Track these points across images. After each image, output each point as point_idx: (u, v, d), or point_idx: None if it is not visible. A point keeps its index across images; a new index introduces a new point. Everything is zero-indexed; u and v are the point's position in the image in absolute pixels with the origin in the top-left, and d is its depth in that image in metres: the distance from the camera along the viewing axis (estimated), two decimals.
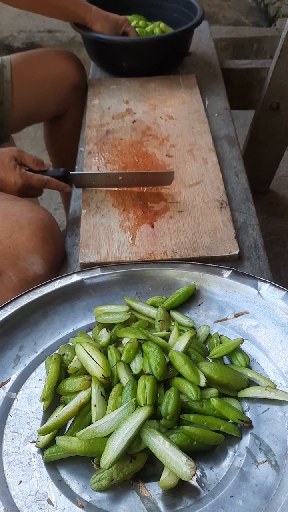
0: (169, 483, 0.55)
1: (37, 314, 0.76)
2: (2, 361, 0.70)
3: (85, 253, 0.91)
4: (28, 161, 1.01)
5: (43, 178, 1.01)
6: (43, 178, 1.01)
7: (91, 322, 0.76)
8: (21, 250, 0.89)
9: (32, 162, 1.01)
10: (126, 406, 0.59)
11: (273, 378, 0.66)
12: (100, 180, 1.04)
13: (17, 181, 0.97)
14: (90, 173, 1.06)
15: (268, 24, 3.00)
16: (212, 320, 0.76)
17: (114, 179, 1.03)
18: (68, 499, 0.56)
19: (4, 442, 0.62)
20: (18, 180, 0.97)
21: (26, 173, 0.99)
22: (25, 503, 0.56)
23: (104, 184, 1.04)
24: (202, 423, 0.59)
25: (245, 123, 2.14)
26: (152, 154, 1.15)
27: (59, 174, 1.03)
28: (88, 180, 1.04)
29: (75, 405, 0.62)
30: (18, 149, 1.00)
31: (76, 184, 1.06)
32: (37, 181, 1.00)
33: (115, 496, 0.57)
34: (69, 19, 1.34)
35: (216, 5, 3.27)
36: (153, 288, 0.81)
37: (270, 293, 0.75)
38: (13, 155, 0.98)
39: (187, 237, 0.93)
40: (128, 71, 1.42)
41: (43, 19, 2.94)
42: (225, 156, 1.16)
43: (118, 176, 1.03)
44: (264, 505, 0.54)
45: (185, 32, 1.36)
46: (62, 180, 1.04)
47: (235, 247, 0.90)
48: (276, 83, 1.56)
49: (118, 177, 1.03)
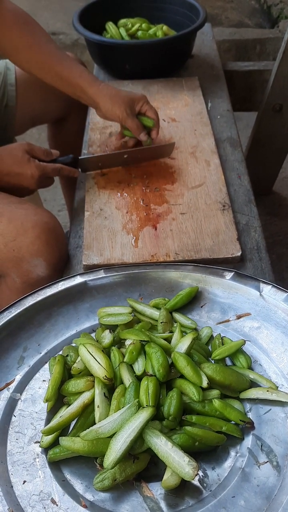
0: (171, 483, 0.56)
1: (41, 316, 0.77)
2: (6, 362, 0.71)
3: (88, 255, 0.92)
4: (39, 153, 1.02)
5: (56, 166, 1.03)
6: (56, 167, 1.03)
7: (94, 323, 0.77)
8: (25, 253, 0.90)
9: (43, 153, 1.03)
10: (129, 407, 0.59)
11: (274, 379, 0.67)
12: (107, 160, 1.10)
13: (34, 173, 0.99)
14: (97, 155, 1.12)
15: (271, 25, 3.00)
16: (214, 322, 0.76)
17: (120, 158, 1.10)
18: (72, 499, 0.57)
19: (8, 442, 0.62)
20: (35, 172, 0.99)
21: (40, 164, 1.00)
22: (29, 502, 0.56)
23: (111, 164, 1.11)
24: (204, 424, 0.60)
25: (248, 125, 2.14)
26: None
27: (69, 161, 1.07)
28: (96, 163, 1.10)
29: (79, 405, 0.62)
30: (28, 143, 1.02)
31: (83, 168, 1.10)
32: (52, 170, 1.02)
33: (118, 496, 0.57)
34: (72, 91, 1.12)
35: (219, 7, 3.28)
36: (155, 290, 0.81)
37: (272, 295, 0.75)
38: (25, 149, 1.00)
39: (189, 239, 0.94)
40: (131, 74, 1.42)
41: (46, 22, 2.96)
42: (228, 158, 1.17)
43: (124, 155, 1.10)
44: (265, 505, 0.54)
45: (188, 34, 1.36)
46: (71, 166, 1.07)
47: (237, 249, 0.91)
48: (279, 85, 1.57)
49: (123, 155, 1.10)
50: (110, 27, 1.48)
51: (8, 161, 0.98)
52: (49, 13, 3.10)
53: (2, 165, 0.98)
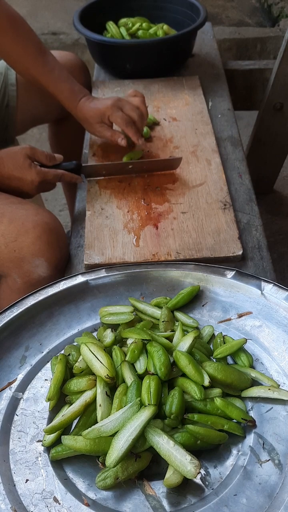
0: (173, 481, 0.56)
1: (42, 315, 0.77)
2: (8, 361, 0.71)
3: (89, 254, 0.92)
4: (41, 157, 1.01)
5: (57, 173, 1.02)
6: (57, 173, 1.02)
7: (96, 322, 0.77)
8: (26, 253, 0.90)
9: (45, 158, 1.02)
10: (131, 406, 0.59)
11: (276, 377, 0.67)
12: (111, 169, 1.08)
13: (34, 179, 0.98)
14: (101, 164, 1.10)
15: (271, 24, 3.00)
16: (215, 321, 0.76)
17: (125, 167, 1.08)
18: (74, 497, 0.57)
19: (11, 441, 0.62)
20: (35, 178, 0.98)
21: (41, 170, 0.99)
22: (32, 501, 0.57)
23: (116, 173, 1.09)
24: (206, 422, 0.60)
25: (248, 124, 2.14)
26: (156, 156, 1.16)
27: (72, 167, 1.06)
28: (99, 170, 1.08)
29: (81, 404, 0.63)
30: (30, 147, 1.01)
31: (87, 175, 1.09)
32: (53, 177, 1.01)
33: (120, 494, 0.57)
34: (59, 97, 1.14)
35: (220, 6, 3.27)
36: (157, 289, 0.81)
37: (273, 294, 0.75)
38: (27, 154, 0.99)
39: (190, 238, 0.94)
40: (132, 73, 1.43)
41: (47, 21, 2.96)
42: (229, 157, 1.17)
43: (128, 165, 1.08)
44: (267, 503, 0.54)
45: (189, 34, 1.36)
46: (74, 172, 1.06)
47: (238, 248, 0.91)
48: (279, 84, 1.56)
49: (128, 166, 1.08)
50: (111, 26, 1.48)
51: (10, 165, 0.97)
52: (49, 12, 3.10)
53: (3, 168, 0.97)
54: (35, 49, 1.11)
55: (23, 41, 1.10)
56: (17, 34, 1.09)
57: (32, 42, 1.11)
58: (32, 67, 1.11)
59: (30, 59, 1.10)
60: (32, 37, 1.12)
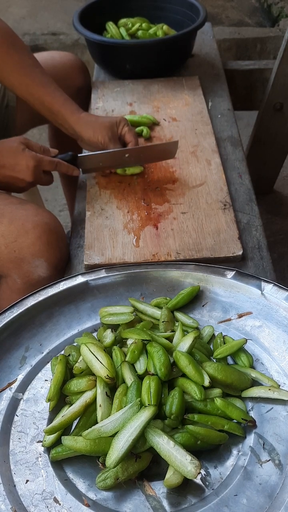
0: (173, 481, 0.56)
1: (42, 316, 0.77)
2: (8, 362, 0.71)
3: (89, 254, 0.92)
4: (35, 148, 1.00)
5: (53, 159, 1.01)
6: (53, 160, 1.00)
7: (96, 323, 0.77)
8: (26, 254, 0.90)
9: (39, 149, 1.01)
10: (131, 406, 0.59)
11: (276, 378, 0.67)
12: (107, 159, 1.07)
13: (29, 163, 0.96)
14: (97, 153, 1.08)
15: (271, 24, 3.00)
16: (216, 321, 0.76)
17: (121, 157, 1.07)
18: (74, 498, 0.57)
19: (11, 441, 0.62)
20: (30, 162, 0.96)
21: (36, 154, 0.98)
22: (32, 501, 0.57)
23: (112, 164, 1.08)
24: (206, 422, 0.60)
25: (248, 124, 2.14)
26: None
27: (68, 159, 1.05)
28: (96, 162, 1.07)
29: (81, 405, 0.63)
30: (24, 137, 1.01)
31: (83, 168, 1.08)
32: (48, 163, 0.99)
33: (120, 494, 0.57)
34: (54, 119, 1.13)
35: (219, 6, 3.28)
36: (157, 289, 0.81)
37: (273, 294, 0.75)
38: (20, 141, 0.98)
39: (190, 238, 0.94)
40: (132, 73, 1.43)
41: (47, 22, 2.96)
42: (229, 157, 1.17)
43: (125, 154, 1.06)
44: (267, 503, 0.54)
45: (188, 34, 1.36)
46: (70, 163, 1.05)
47: (238, 248, 0.91)
48: (279, 84, 1.57)
49: (124, 155, 1.06)
50: (111, 26, 1.48)
51: (3, 152, 0.96)
52: (49, 13, 3.10)
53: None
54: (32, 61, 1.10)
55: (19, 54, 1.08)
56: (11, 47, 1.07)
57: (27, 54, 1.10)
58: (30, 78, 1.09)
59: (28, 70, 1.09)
60: (26, 50, 1.11)
